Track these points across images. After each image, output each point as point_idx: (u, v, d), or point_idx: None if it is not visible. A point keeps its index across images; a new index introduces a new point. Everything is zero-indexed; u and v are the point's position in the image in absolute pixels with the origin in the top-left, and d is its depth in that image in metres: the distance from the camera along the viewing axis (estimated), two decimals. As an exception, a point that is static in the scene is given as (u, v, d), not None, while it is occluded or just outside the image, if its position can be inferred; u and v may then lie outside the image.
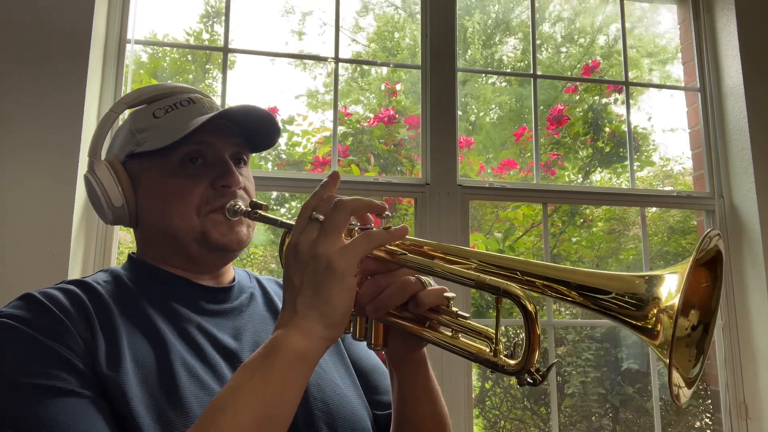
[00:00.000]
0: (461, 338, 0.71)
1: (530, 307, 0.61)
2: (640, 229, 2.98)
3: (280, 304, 0.96)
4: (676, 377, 0.55)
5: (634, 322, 0.57)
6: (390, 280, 0.71)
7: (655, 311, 0.55)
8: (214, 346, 0.81)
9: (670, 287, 0.55)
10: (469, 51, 6.55)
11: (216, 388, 0.75)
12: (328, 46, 2.08)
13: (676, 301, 0.53)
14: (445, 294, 0.70)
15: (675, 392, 0.55)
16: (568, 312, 4.43)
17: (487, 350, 0.68)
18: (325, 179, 0.72)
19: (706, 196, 2.27)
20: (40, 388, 0.64)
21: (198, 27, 4.55)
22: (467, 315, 0.71)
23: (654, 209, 4.31)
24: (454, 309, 0.71)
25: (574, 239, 4.40)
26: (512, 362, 0.65)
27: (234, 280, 0.96)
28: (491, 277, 0.64)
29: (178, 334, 0.80)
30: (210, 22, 4.49)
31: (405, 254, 0.70)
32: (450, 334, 0.71)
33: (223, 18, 2.08)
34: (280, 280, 1.05)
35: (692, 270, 0.54)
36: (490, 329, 0.69)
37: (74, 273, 1.65)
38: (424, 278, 0.71)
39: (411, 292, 0.70)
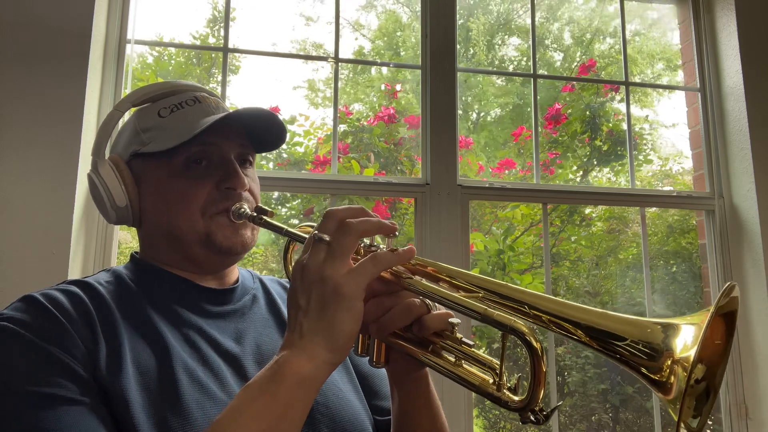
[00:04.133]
0: (464, 366, 0.69)
1: (536, 345, 0.60)
2: (639, 228, 2.99)
3: (282, 306, 0.96)
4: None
5: (646, 373, 0.55)
6: (394, 301, 0.70)
7: (669, 363, 0.53)
8: (215, 349, 0.80)
9: (686, 339, 0.53)
10: (471, 51, 6.56)
11: (218, 393, 0.74)
12: (334, 36, 2.08)
13: (691, 353, 0.51)
14: (450, 320, 0.69)
15: None
16: (567, 311, 4.42)
17: (491, 381, 0.66)
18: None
19: (706, 196, 2.27)
20: (39, 396, 0.64)
21: (205, 31, 4.56)
22: (472, 343, 0.70)
23: (653, 208, 4.31)
24: (459, 335, 0.70)
25: (573, 238, 4.40)
26: (516, 398, 0.63)
27: (237, 281, 0.95)
28: (498, 313, 0.63)
29: (180, 337, 0.79)
30: (217, 27, 4.49)
31: (411, 278, 0.69)
32: (453, 360, 0.70)
33: (231, 21, 2.08)
34: (284, 281, 1.05)
35: (711, 322, 0.52)
36: (494, 360, 0.68)
37: (74, 273, 1.65)
38: (428, 301, 0.71)
39: (416, 315, 0.70)
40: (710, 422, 3.69)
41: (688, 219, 4.38)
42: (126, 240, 3.58)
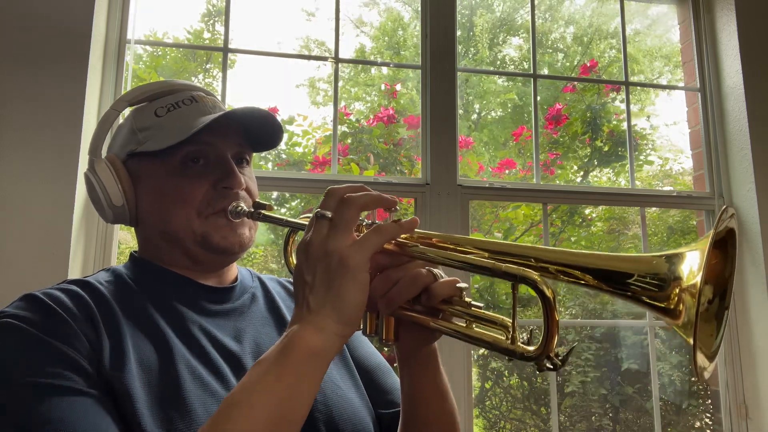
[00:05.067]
0: (476, 328, 0.69)
1: (548, 293, 0.60)
2: (639, 229, 3.00)
3: (282, 305, 0.96)
4: (700, 357, 0.55)
5: (656, 303, 0.56)
6: (401, 273, 0.70)
7: (677, 291, 0.54)
8: (216, 348, 0.81)
9: (692, 265, 0.55)
10: (472, 50, 6.56)
11: (220, 390, 0.75)
12: (334, 35, 2.09)
13: (698, 279, 0.53)
14: (458, 285, 0.70)
15: (699, 371, 0.55)
16: (568, 312, 4.43)
17: (504, 338, 0.66)
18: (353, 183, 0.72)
19: (706, 196, 2.27)
20: (48, 387, 0.64)
21: (199, 26, 4.55)
22: (481, 305, 0.70)
23: (654, 209, 4.31)
24: (468, 299, 0.70)
25: (573, 239, 4.40)
26: (531, 348, 0.64)
27: (237, 279, 0.95)
28: (507, 265, 0.63)
29: (181, 335, 0.79)
30: (211, 21, 4.49)
31: (416, 246, 0.70)
32: (464, 324, 0.70)
33: (225, 17, 2.08)
34: (283, 280, 1.05)
35: (711, 247, 0.53)
36: (505, 318, 0.68)
37: (74, 273, 1.65)
38: (435, 270, 0.71)
39: (423, 284, 0.70)
40: (710, 422, 3.68)
41: (689, 220, 4.38)
42: (126, 240, 3.58)
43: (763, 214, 2.09)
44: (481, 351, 4.01)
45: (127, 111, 0.95)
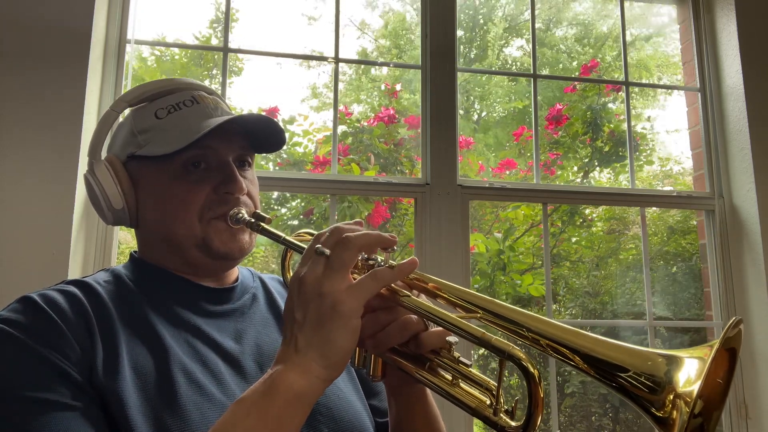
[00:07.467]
0: (461, 385, 0.68)
1: (533, 372, 0.59)
2: (639, 229, 2.99)
3: (283, 305, 0.96)
4: None
5: (645, 405, 0.54)
6: (391, 317, 0.69)
7: (671, 397, 0.52)
8: (214, 349, 0.80)
9: (690, 372, 0.52)
10: (475, 51, 6.56)
11: (216, 394, 0.74)
12: (333, 36, 2.09)
13: (695, 387, 0.50)
14: (448, 338, 0.68)
15: None
16: (568, 312, 4.43)
17: (487, 403, 0.65)
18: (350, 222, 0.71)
19: (706, 196, 2.26)
20: (31, 401, 0.64)
21: (208, 32, 4.55)
22: (469, 363, 0.69)
23: (654, 209, 4.31)
24: (456, 354, 0.69)
25: (573, 239, 4.40)
26: (513, 424, 0.62)
27: (237, 279, 0.94)
28: (496, 338, 0.62)
29: (179, 338, 0.79)
30: (220, 28, 4.51)
31: (408, 295, 0.68)
32: (450, 378, 0.69)
33: (233, 23, 2.07)
34: None
35: (715, 357, 0.51)
36: (491, 381, 0.67)
37: (74, 273, 1.65)
38: None
39: (412, 332, 0.69)
40: (710, 423, 3.68)
41: (689, 220, 4.38)
42: (126, 240, 3.58)
43: (763, 214, 2.09)
44: (481, 351, 4.01)
45: (127, 111, 0.94)
